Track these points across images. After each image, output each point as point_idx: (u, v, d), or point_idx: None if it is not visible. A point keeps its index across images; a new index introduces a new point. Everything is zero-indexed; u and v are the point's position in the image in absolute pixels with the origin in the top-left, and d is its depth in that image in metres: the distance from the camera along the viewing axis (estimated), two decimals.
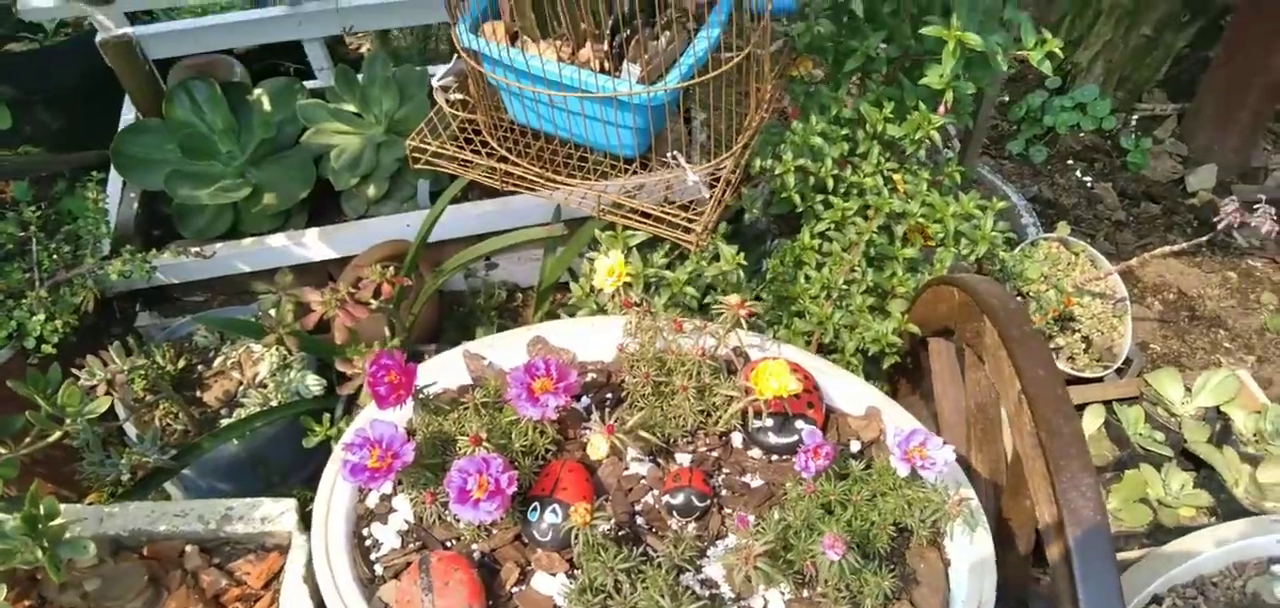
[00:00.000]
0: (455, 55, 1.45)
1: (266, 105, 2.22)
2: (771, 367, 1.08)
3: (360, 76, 2.27)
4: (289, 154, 2.22)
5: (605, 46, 1.36)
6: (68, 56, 2.25)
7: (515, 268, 2.35)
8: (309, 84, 2.37)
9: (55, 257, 1.85)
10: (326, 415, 1.57)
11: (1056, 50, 1.61)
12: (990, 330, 1.24)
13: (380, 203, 2.25)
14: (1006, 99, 3.27)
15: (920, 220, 1.71)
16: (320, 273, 2.21)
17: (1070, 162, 3.11)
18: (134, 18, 2.17)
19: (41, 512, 1.11)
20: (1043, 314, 2.14)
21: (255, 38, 2.25)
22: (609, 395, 1.24)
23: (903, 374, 1.77)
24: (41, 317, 1.78)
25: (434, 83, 1.46)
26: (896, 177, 1.73)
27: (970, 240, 1.69)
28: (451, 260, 1.90)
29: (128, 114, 2.30)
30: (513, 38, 1.40)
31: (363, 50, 2.71)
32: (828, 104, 1.74)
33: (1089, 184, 3.03)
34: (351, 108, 2.24)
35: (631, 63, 1.36)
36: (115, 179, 2.22)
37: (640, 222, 1.44)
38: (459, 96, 1.50)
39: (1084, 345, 2.18)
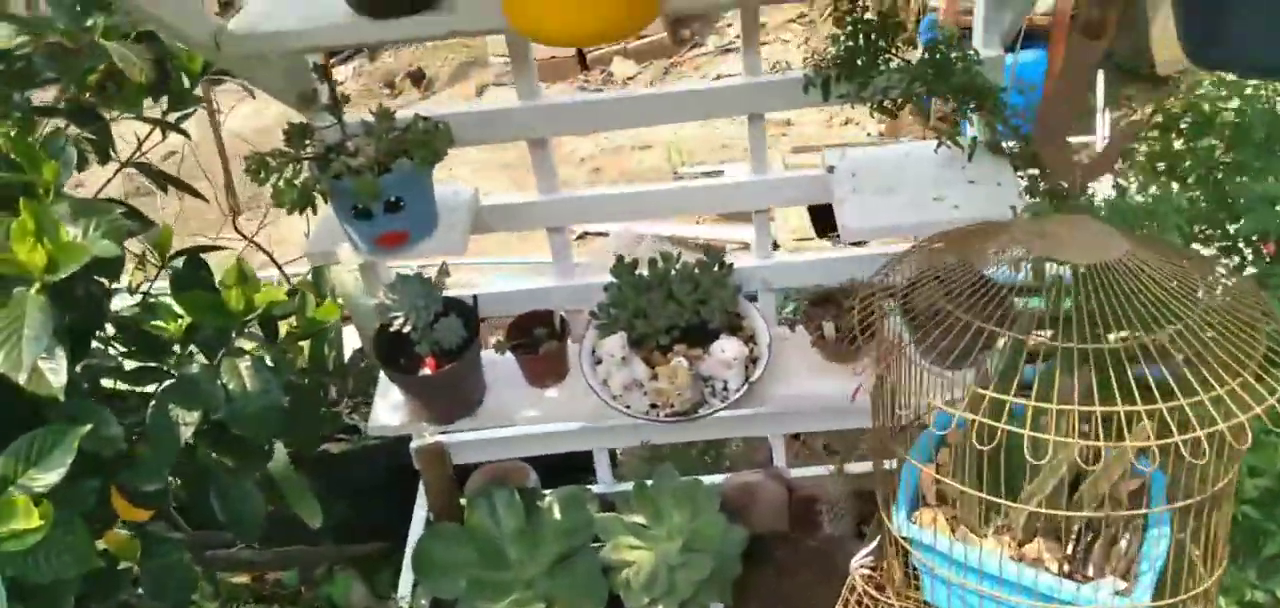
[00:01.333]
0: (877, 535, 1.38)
1: (557, 514, 2.19)
2: None
3: (649, 483, 2.23)
4: (578, 565, 2.14)
5: (1067, 551, 1.26)
6: (373, 456, 2.30)
7: None
8: (593, 489, 2.34)
9: None
10: None
11: None
12: None
13: None
14: None
15: None
16: None
17: None
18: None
19: None
20: None
21: (555, 448, 2.27)
22: None
23: None
24: None
25: (853, 563, 1.38)
26: None
27: None
28: None
29: (419, 512, 2.29)
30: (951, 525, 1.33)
31: None
32: None
33: None
34: (642, 520, 2.18)
35: (1099, 569, 1.25)
36: (407, 578, 2.17)
37: None
38: (869, 572, 1.41)
39: None
